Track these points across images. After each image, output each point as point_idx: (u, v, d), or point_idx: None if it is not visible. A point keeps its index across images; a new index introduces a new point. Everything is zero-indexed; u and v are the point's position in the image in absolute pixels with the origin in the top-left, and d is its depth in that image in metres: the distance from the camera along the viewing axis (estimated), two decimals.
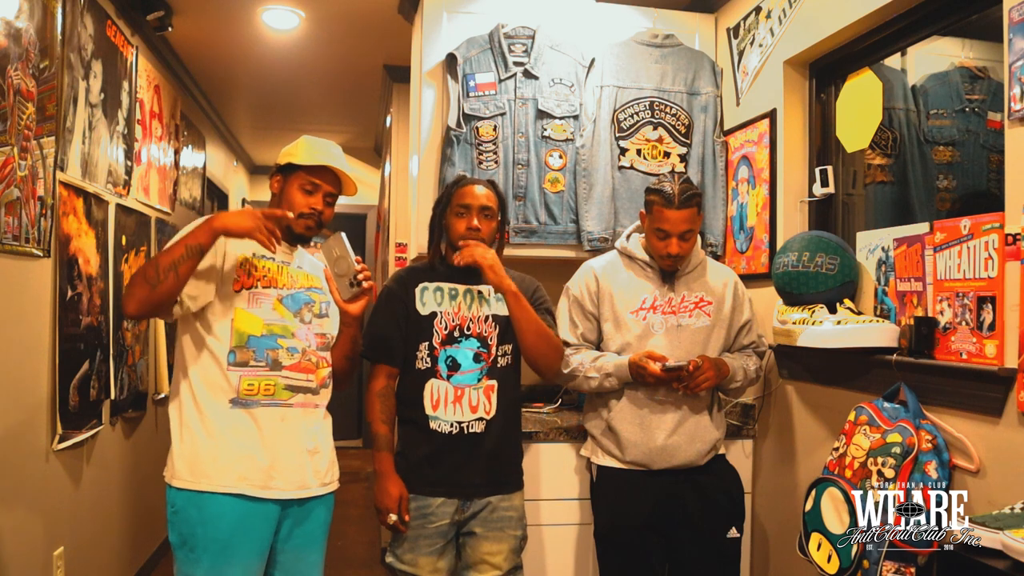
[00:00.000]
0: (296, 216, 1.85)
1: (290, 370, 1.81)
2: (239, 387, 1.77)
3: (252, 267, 1.81)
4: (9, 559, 2.13)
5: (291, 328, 1.83)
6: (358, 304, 1.85)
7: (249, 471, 1.75)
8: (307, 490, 1.84)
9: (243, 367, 1.77)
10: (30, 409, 2.29)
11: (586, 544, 2.35)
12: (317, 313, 1.91)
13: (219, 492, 1.73)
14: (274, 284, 1.84)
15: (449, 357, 1.99)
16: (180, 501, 1.74)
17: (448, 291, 2.03)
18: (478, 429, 1.98)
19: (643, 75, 2.79)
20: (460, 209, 2.01)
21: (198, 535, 1.72)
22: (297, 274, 1.90)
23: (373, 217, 6.61)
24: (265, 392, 1.78)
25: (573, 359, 2.16)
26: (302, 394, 1.83)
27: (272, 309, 1.82)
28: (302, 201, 1.87)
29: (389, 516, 1.94)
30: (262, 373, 1.78)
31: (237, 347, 1.77)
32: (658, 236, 2.11)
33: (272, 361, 1.80)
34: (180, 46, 3.90)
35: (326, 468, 1.90)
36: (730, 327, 2.22)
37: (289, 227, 1.87)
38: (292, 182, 1.88)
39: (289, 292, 1.86)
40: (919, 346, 1.82)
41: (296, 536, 1.85)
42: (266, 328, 1.80)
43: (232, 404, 1.77)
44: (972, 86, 2.39)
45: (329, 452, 1.92)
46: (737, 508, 2.20)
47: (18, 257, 2.17)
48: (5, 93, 2.04)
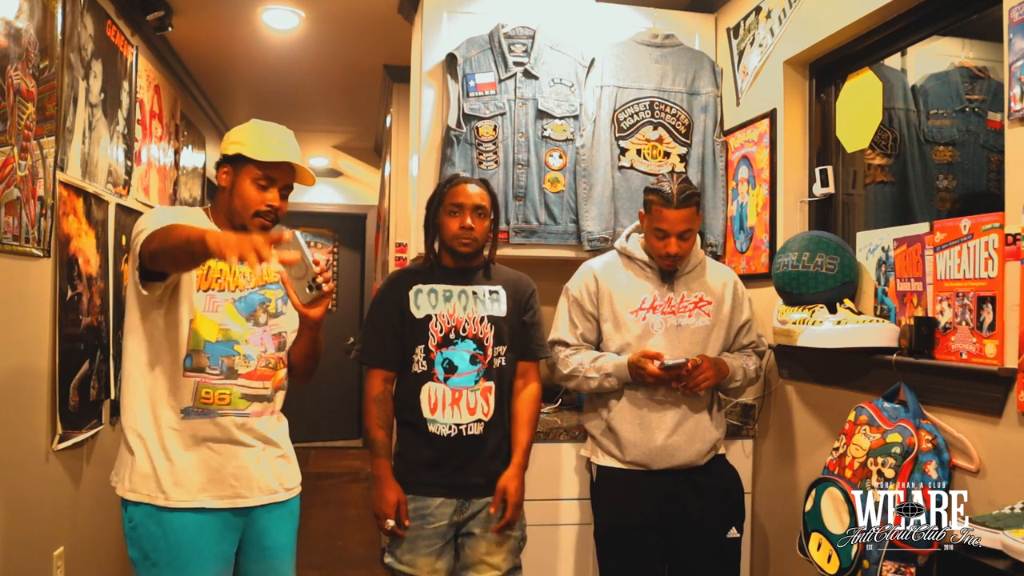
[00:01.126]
0: (252, 215, 1.74)
1: (246, 378, 1.75)
2: (195, 394, 1.70)
3: (208, 267, 1.72)
4: (9, 559, 2.13)
5: (245, 334, 1.75)
6: (318, 308, 1.67)
7: (208, 483, 1.70)
8: (270, 496, 1.79)
9: (199, 372, 1.70)
10: (30, 409, 2.29)
11: (586, 544, 2.35)
12: (272, 312, 1.81)
13: (179, 507, 1.68)
14: (227, 287, 1.75)
15: (445, 360, 1.99)
16: (139, 516, 1.68)
17: (442, 293, 2.03)
18: (477, 431, 1.98)
19: (643, 75, 2.79)
20: (453, 208, 2.00)
21: (160, 549, 1.66)
22: (248, 272, 1.78)
23: (373, 217, 6.61)
24: (220, 401, 1.72)
25: (572, 359, 2.16)
26: (258, 402, 1.77)
27: (226, 314, 1.73)
28: (257, 198, 1.74)
29: (386, 522, 1.94)
30: (217, 381, 1.72)
31: (193, 351, 1.70)
32: (657, 236, 2.11)
33: (228, 369, 1.72)
34: (180, 46, 3.90)
35: (288, 472, 1.85)
36: (730, 327, 2.22)
37: (243, 226, 1.75)
38: (243, 175, 1.74)
39: (242, 294, 1.76)
40: (919, 346, 1.82)
41: (264, 542, 1.80)
42: (221, 333, 1.72)
43: (185, 414, 1.70)
44: (972, 86, 2.39)
45: (289, 457, 1.87)
46: (737, 508, 2.20)
47: (18, 257, 2.17)
48: (5, 93, 2.04)
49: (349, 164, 6.62)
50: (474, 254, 2.04)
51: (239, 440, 1.74)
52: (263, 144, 1.75)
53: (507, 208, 2.68)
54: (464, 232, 1.99)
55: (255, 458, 1.77)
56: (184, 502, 1.68)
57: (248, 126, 1.80)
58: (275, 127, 1.81)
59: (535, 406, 2.09)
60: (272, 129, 1.79)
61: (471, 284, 2.05)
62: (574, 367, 2.15)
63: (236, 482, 1.73)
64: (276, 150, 1.75)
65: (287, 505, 1.84)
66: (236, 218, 1.77)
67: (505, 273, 2.12)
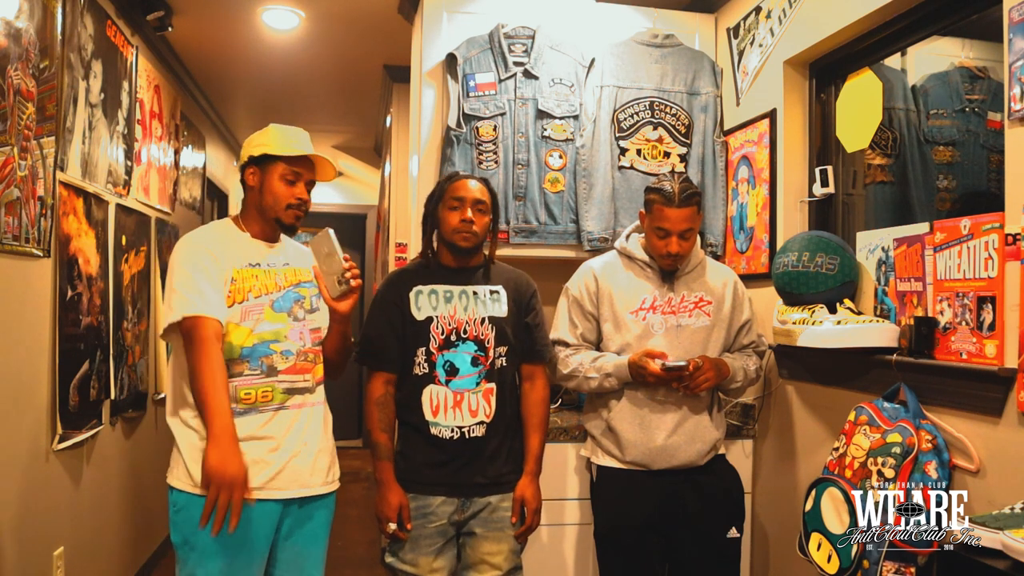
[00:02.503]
0: (284, 208, 1.86)
1: (286, 373, 1.83)
2: (236, 396, 1.77)
3: (242, 280, 1.82)
4: (9, 559, 2.13)
5: (283, 331, 1.84)
6: (346, 302, 1.83)
7: (250, 473, 1.73)
8: (308, 489, 1.85)
9: (238, 377, 1.78)
10: (30, 409, 2.29)
11: (586, 544, 2.35)
12: (308, 308, 1.90)
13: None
14: (265, 291, 1.84)
15: (447, 362, 1.98)
16: (182, 502, 1.75)
17: (443, 294, 2.02)
18: (479, 433, 1.98)
19: (643, 75, 2.79)
20: (454, 202, 2.00)
21: (200, 535, 1.70)
22: (284, 272, 1.89)
23: (373, 217, 6.61)
24: (263, 399, 1.80)
25: (572, 359, 2.16)
26: (299, 395, 1.85)
27: (264, 319, 1.82)
28: (287, 192, 1.86)
29: (388, 525, 1.94)
30: (258, 381, 1.80)
31: (229, 360, 1.77)
32: (658, 235, 2.11)
33: (267, 368, 1.81)
34: (180, 46, 3.90)
35: (327, 467, 1.90)
36: (730, 327, 2.22)
37: (278, 219, 1.87)
38: (272, 173, 1.86)
39: (280, 293, 1.86)
40: (919, 346, 1.82)
41: (297, 535, 1.86)
42: (256, 337, 1.80)
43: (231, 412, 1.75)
44: (972, 86, 2.39)
45: (329, 451, 1.92)
46: (737, 508, 2.20)
47: (18, 257, 2.17)
48: (5, 93, 2.04)
49: (349, 164, 6.62)
50: (473, 250, 2.02)
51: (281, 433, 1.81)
52: (287, 142, 1.87)
53: (507, 208, 2.68)
54: (464, 225, 1.98)
55: (296, 451, 1.82)
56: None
57: (269, 129, 1.90)
58: (294, 129, 1.91)
59: (544, 408, 2.09)
60: (292, 130, 1.91)
61: (471, 284, 2.04)
62: (574, 367, 2.15)
63: (277, 474, 1.79)
64: (299, 147, 1.87)
65: (325, 499, 1.90)
66: (269, 213, 1.87)
67: (505, 272, 2.11)
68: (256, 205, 1.89)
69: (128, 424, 3.27)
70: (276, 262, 1.89)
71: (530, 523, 2.02)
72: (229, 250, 1.83)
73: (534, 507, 2.02)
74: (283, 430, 1.81)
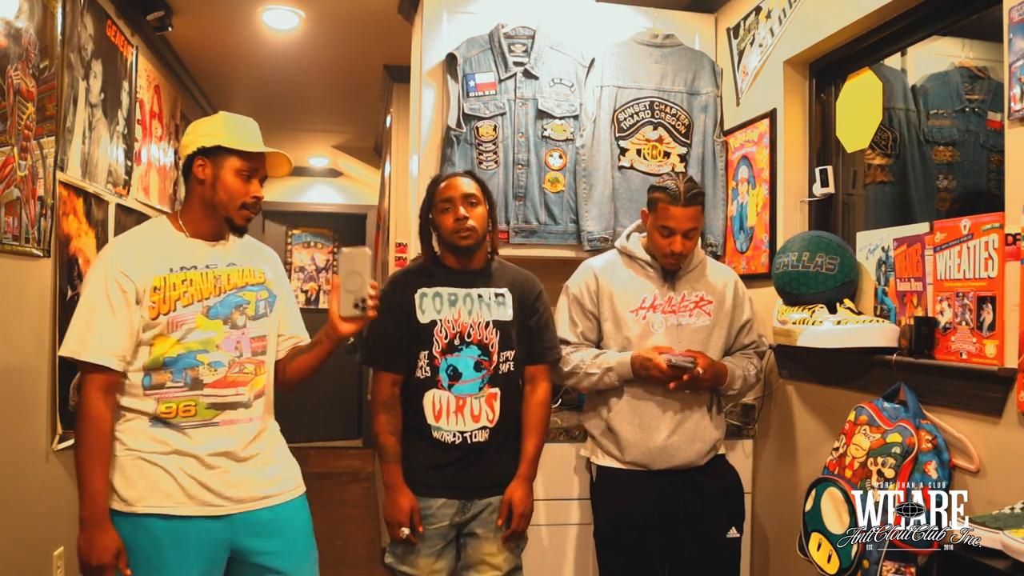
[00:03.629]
0: (238, 207, 1.72)
1: (213, 387, 1.68)
2: (156, 410, 1.66)
3: (169, 289, 1.67)
4: (9, 559, 2.13)
5: (214, 340, 1.69)
6: (351, 326, 1.70)
7: (172, 490, 1.64)
8: (249, 504, 1.71)
9: (159, 389, 1.66)
10: (30, 409, 2.29)
11: (586, 544, 2.35)
12: (252, 315, 1.75)
13: (145, 513, 1.64)
14: (199, 297, 1.69)
15: (450, 366, 1.96)
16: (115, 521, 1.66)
17: (447, 297, 2.00)
18: (482, 438, 1.97)
19: (643, 75, 2.79)
20: (444, 204, 1.97)
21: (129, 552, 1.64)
22: (228, 274, 1.74)
23: (373, 217, 6.60)
24: (184, 414, 1.66)
25: (573, 357, 2.16)
26: (230, 410, 1.70)
27: (196, 327, 1.68)
28: (242, 189, 1.71)
29: (401, 530, 1.91)
30: (180, 394, 1.66)
31: (152, 369, 1.66)
32: (662, 234, 2.10)
33: (192, 380, 1.67)
34: (180, 46, 3.90)
35: (274, 476, 1.76)
36: (730, 327, 2.22)
37: (229, 218, 1.72)
38: (225, 167, 1.70)
39: (218, 299, 1.71)
40: (919, 346, 1.82)
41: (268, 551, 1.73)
42: (182, 347, 1.66)
43: (152, 423, 1.66)
44: (972, 86, 2.39)
45: (274, 460, 1.78)
46: (737, 508, 2.20)
47: (18, 257, 2.17)
48: (5, 93, 2.04)
49: (349, 164, 6.62)
50: (475, 246, 1.99)
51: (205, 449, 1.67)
52: (242, 135, 1.73)
53: (507, 208, 2.68)
54: (460, 224, 1.94)
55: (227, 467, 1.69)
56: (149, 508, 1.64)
57: (219, 118, 1.76)
58: (247, 119, 1.77)
59: (544, 411, 2.06)
60: (244, 120, 1.77)
61: (476, 287, 2.01)
62: (575, 364, 2.15)
63: (206, 491, 1.67)
64: (256, 141, 1.74)
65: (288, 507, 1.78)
66: (220, 211, 1.72)
67: (511, 273, 2.08)
68: (205, 201, 1.72)
69: None
70: (217, 263, 1.73)
71: (515, 527, 1.97)
72: (154, 257, 1.68)
73: (521, 511, 1.97)
74: (211, 447, 1.67)
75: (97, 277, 1.66)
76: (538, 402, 2.06)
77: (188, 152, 1.73)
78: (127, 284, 1.64)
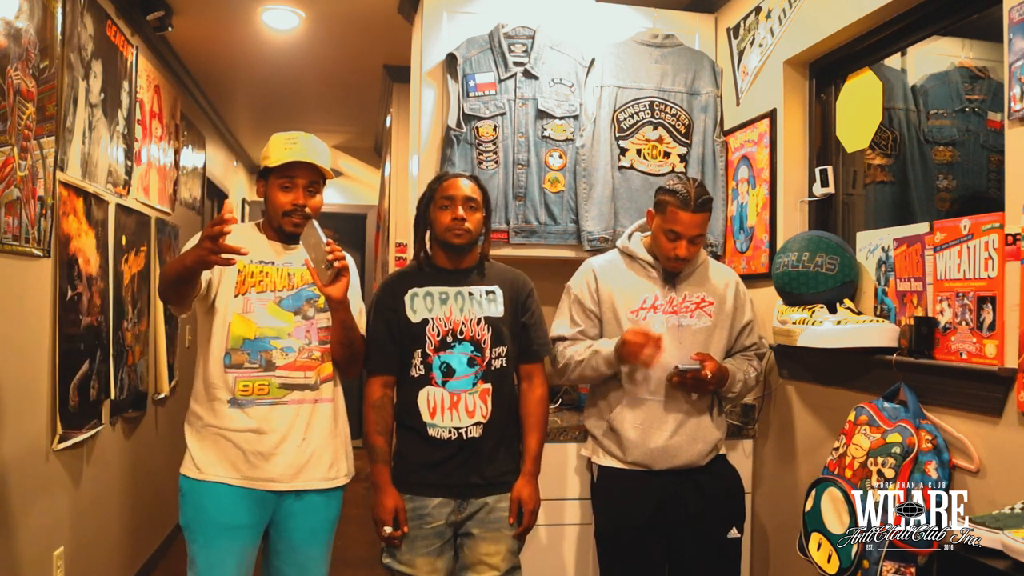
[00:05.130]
0: (281, 216, 1.93)
1: (284, 369, 1.91)
2: (235, 388, 1.88)
3: (248, 274, 1.92)
4: (9, 559, 2.13)
5: (286, 329, 1.92)
6: (338, 287, 1.85)
7: (239, 463, 1.87)
8: (301, 483, 1.92)
9: (238, 369, 1.88)
10: (30, 409, 2.29)
11: (586, 544, 2.35)
12: (321, 308, 1.97)
13: (212, 481, 1.87)
14: (272, 287, 1.93)
15: (443, 363, 1.98)
16: (185, 487, 1.90)
17: (438, 295, 2.02)
18: (476, 434, 1.98)
19: (643, 75, 2.79)
20: (445, 202, 2.00)
21: (195, 518, 1.87)
22: (300, 272, 1.96)
23: (373, 217, 6.61)
24: (259, 392, 1.89)
25: (568, 351, 2.16)
26: (299, 391, 1.92)
27: (267, 313, 1.91)
28: (283, 200, 1.93)
29: (384, 528, 1.95)
30: (256, 374, 1.89)
31: (232, 350, 1.89)
32: (669, 237, 2.10)
33: (266, 362, 1.90)
34: (180, 46, 3.90)
35: (328, 463, 1.96)
36: (731, 328, 2.22)
37: (280, 227, 1.95)
38: (272, 184, 1.94)
39: (290, 292, 1.94)
40: (919, 346, 1.82)
41: (294, 528, 1.93)
42: (258, 331, 1.90)
43: (230, 404, 1.88)
44: (972, 86, 2.39)
45: (331, 447, 1.98)
46: (738, 508, 2.20)
47: (18, 257, 2.17)
48: (5, 93, 2.04)
49: (349, 164, 6.62)
50: (466, 248, 2.02)
51: (276, 427, 1.89)
52: (279, 151, 1.92)
53: (507, 208, 2.68)
54: (456, 223, 1.98)
55: (290, 445, 1.90)
56: (216, 477, 1.87)
57: (270, 140, 1.96)
58: (291, 134, 1.95)
59: (542, 408, 2.08)
60: (286, 136, 1.94)
61: (467, 285, 2.03)
62: (568, 356, 2.16)
63: (268, 466, 1.87)
64: (287, 154, 1.91)
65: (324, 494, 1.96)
66: (273, 222, 1.96)
67: (501, 272, 2.10)
68: (266, 215, 2.00)
69: (128, 424, 3.27)
70: (292, 262, 1.97)
71: (527, 524, 2.02)
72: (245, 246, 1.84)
73: (531, 508, 2.02)
74: (278, 424, 1.89)
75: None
76: (536, 399, 2.08)
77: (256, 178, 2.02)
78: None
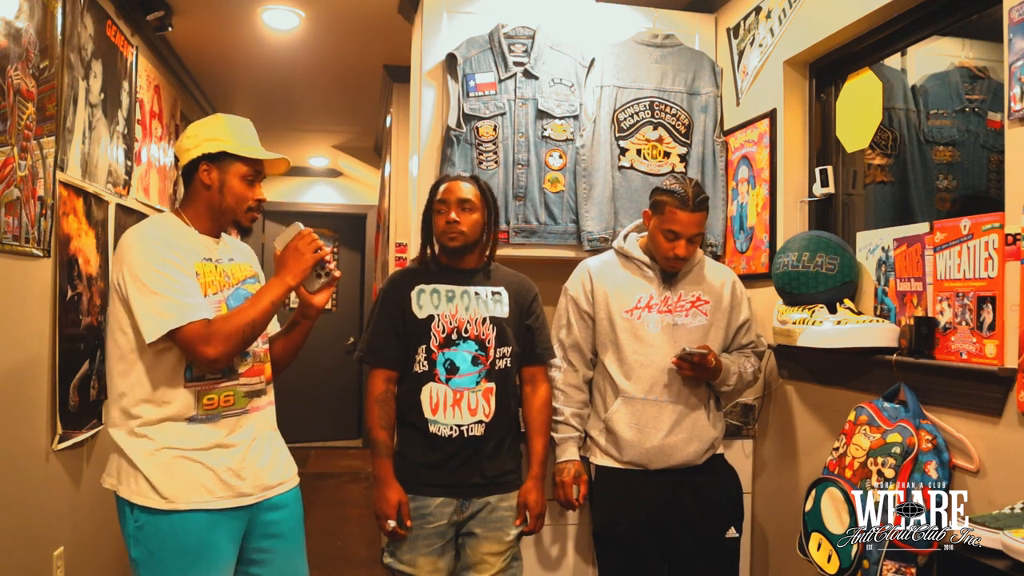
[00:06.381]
0: (245, 211, 1.77)
1: (246, 376, 1.74)
2: (199, 403, 1.67)
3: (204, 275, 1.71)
4: (9, 559, 2.13)
5: None
6: (323, 295, 1.79)
7: (213, 485, 1.67)
8: (272, 489, 1.77)
9: (200, 381, 1.67)
10: (30, 409, 2.29)
11: (585, 544, 2.35)
12: None
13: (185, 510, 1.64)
14: (219, 288, 1.73)
15: (447, 360, 1.99)
16: (144, 520, 1.65)
17: (445, 293, 2.03)
18: (478, 432, 1.98)
19: (643, 75, 2.79)
20: (440, 206, 2.03)
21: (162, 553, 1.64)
22: (231, 269, 1.79)
23: (373, 217, 6.61)
24: (225, 404, 1.70)
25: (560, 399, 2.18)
26: (256, 397, 1.77)
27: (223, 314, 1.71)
28: (248, 194, 1.76)
29: (387, 522, 1.94)
30: (221, 384, 1.70)
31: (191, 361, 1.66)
32: (667, 237, 2.10)
33: (228, 370, 1.71)
34: (180, 46, 3.90)
35: (284, 461, 1.84)
36: (728, 326, 2.22)
37: (237, 221, 1.78)
38: (230, 173, 1.74)
39: (230, 291, 1.75)
40: (919, 346, 1.82)
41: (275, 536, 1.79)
42: None
43: (190, 422, 1.66)
44: (972, 86, 2.39)
45: (283, 447, 1.86)
46: (736, 508, 2.20)
47: (18, 257, 2.17)
48: (5, 93, 2.04)
49: (349, 164, 6.62)
50: (463, 249, 2.03)
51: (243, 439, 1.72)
52: (244, 140, 1.77)
53: (507, 208, 2.68)
54: (449, 227, 1.99)
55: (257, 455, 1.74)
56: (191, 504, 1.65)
57: (220, 121, 1.77)
58: (245, 121, 1.80)
59: (547, 412, 2.11)
60: (245, 124, 1.80)
61: (473, 285, 2.05)
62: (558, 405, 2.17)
63: (241, 481, 1.70)
64: (257, 145, 1.79)
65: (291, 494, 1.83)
66: (229, 215, 1.77)
67: (507, 275, 2.12)
68: (212, 205, 1.76)
69: None
70: (223, 257, 1.79)
71: (533, 527, 2.04)
72: (184, 244, 1.71)
73: (537, 512, 2.03)
74: (244, 435, 1.73)
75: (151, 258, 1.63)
76: (540, 403, 2.10)
77: (192, 156, 1.75)
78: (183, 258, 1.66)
